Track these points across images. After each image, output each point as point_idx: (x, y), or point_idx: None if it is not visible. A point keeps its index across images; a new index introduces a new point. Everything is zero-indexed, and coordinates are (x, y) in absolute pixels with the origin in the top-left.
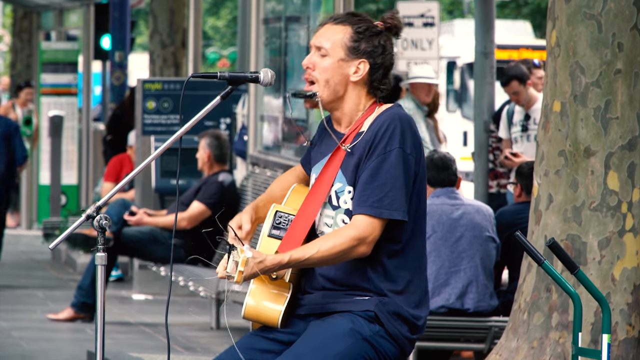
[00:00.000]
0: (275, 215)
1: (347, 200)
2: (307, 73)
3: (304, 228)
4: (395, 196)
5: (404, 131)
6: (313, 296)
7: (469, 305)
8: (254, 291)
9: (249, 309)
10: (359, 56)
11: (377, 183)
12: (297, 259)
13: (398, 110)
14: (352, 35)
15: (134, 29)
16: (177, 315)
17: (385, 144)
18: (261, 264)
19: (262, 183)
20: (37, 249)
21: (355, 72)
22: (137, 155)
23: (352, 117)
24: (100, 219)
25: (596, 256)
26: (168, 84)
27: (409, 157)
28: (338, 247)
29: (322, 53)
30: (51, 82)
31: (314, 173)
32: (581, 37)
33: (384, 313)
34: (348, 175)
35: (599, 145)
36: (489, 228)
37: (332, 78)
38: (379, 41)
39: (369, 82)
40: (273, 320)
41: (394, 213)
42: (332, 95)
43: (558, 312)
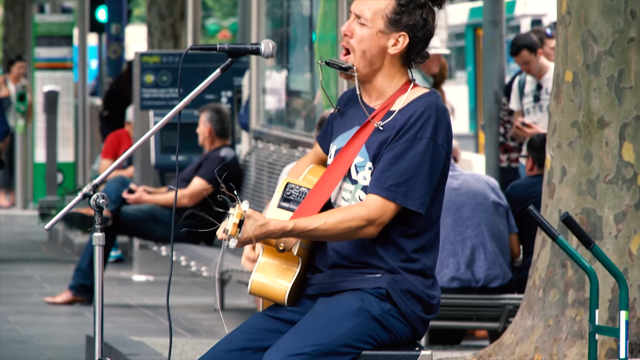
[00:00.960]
0: (286, 187)
1: (367, 177)
2: (345, 40)
3: (319, 201)
4: (414, 185)
5: (438, 122)
6: (323, 275)
7: (479, 275)
8: (262, 266)
9: (255, 284)
10: (400, 29)
11: (398, 167)
12: (302, 227)
13: (436, 99)
14: (394, 7)
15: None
16: (179, 297)
17: (416, 130)
18: (263, 227)
19: (265, 158)
20: (33, 230)
21: (394, 45)
22: (136, 131)
23: (382, 91)
24: (98, 197)
25: (612, 230)
26: (167, 57)
27: (440, 149)
28: (345, 224)
29: (361, 22)
30: (45, 57)
31: (335, 145)
32: (593, 4)
33: (396, 291)
34: (372, 151)
35: (613, 115)
36: (491, 194)
37: (370, 49)
38: (421, 14)
39: (406, 55)
40: (279, 296)
41: (408, 202)
42: (367, 67)
43: (574, 289)
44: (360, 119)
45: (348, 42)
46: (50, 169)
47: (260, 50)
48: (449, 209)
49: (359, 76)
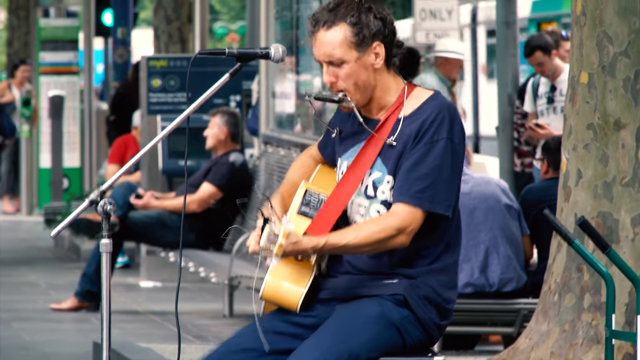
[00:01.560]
0: (305, 193)
1: (386, 191)
2: (334, 88)
3: (335, 211)
4: (438, 188)
5: (452, 121)
6: (337, 280)
7: (493, 279)
8: (275, 270)
9: (268, 288)
10: (370, 42)
11: (420, 173)
12: (333, 243)
13: (444, 99)
14: (352, 30)
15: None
16: (188, 303)
17: (432, 133)
18: (297, 244)
19: (275, 162)
20: (39, 236)
21: (376, 58)
22: (143, 136)
23: (381, 101)
24: (105, 203)
25: (629, 234)
26: (174, 61)
27: (457, 148)
28: (376, 235)
29: (336, 63)
30: (50, 61)
31: (345, 161)
32: (608, 4)
33: (414, 297)
34: (389, 165)
35: (629, 117)
36: (502, 196)
37: (359, 79)
38: (374, 17)
39: (387, 59)
40: (293, 302)
41: (435, 206)
42: (366, 95)
43: (590, 293)
44: (365, 133)
45: (337, 87)
46: (56, 174)
47: (270, 55)
48: (461, 214)
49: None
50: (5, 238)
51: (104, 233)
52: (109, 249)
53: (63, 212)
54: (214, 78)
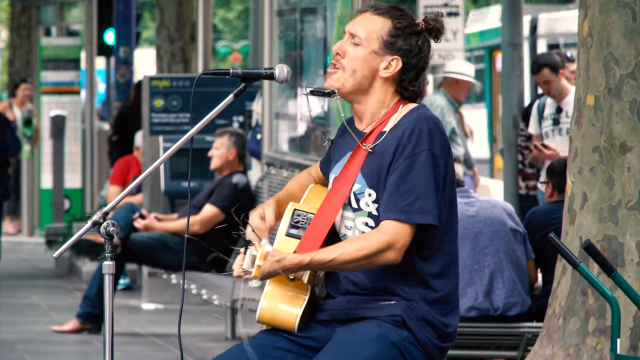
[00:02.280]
0: (293, 213)
1: (369, 203)
2: (335, 59)
3: (324, 227)
4: (425, 199)
5: (431, 133)
6: (336, 301)
7: (498, 304)
8: (270, 293)
9: (264, 312)
10: (394, 52)
11: (406, 187)
12: (319, 260)
13: (424, 111)
14: (390, 29)
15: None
16: (190, 325)
17: (413, 146)
18: (280, 262)
19: (278, 184)
20: (40, 257)
21: (386, 68)
22: (145, 157)
23: (374, 114)
24: (108, 225)
25: (634, 257)
26: (177, 81)
27: (439, 160)
28: (365, 251)
29: (355, 41)
30: (52, 80)
31: (333, 174)
32: (615, 26)
33: (412, 318)
34: (368, 177)
35: (636, 140)
36: (508, 220)
37: (361, 69)
38: (417, 41)
39: (398, 81)
40: (289, 324)
41: (425, 217)
42: (355, 87)
43: (595, 317)
44: (352, 145)
45: (338, 60)
46: (57, 195)
47: (274, 75)
48: (466, 237)
49: (345, 94)
50: (7, 259)
51: (106, 255)
52: (112, 270)
53: (64, 234)
54: (216, 98)
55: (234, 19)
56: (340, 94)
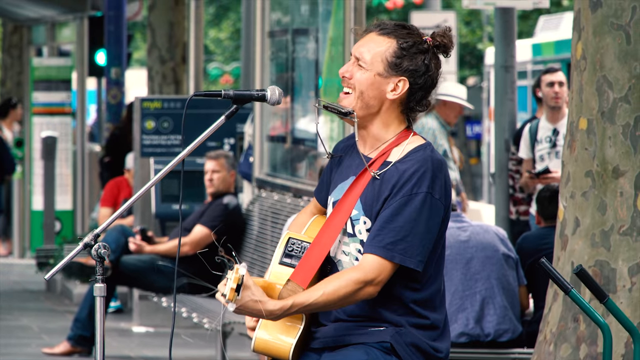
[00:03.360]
0: (287, 242)
1: (362, 231)
2: (345, 81)
3: (319, 256)
4: (412, 242)
5: (435, 176)
6: (326, 329)
7: (489, 330)
8: (265, 323)
9: (258, 341)
10: (400, 73)
11: (395, 224)
12: (300, 303)
13: (431, 152)
14: (395, 50)
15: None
16: (181, 349)
17: (412, 185)
18: (256, 303)
19: (269, 207)
20: (31, 279)
21: (393, 90)
22: (136, 179)
23: (377, 138)
24: (99, 247)
25: (626, 283)
26: (168, 102)
27: (437, 203)
28: (342, 290)
29: (360, 64)
30: (43, 101)
31: (332, 197)
32: (609, 49)
33: (401, 344)
34: (366, 204)
35: (629, 164)
36: (500, 246)
37: (367, 91)
38: (423, 60)
39: (405, 102)
40: (284, 353)
41: (406, 260)
42: (364, 110)
43: (586, 344)
44: (355, 169)
45: (348, 82)
46: (48, 217)
47: (266, 97)
48: (457, 262)
49: (359, 119)
50: None
51: (97, 277)
52: (103, 293)
53: (55, 256)
54: (208, 120)
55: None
56: None
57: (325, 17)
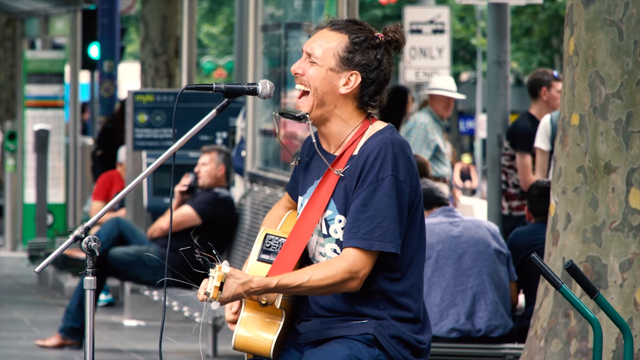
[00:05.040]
0: (265, 238)
1: (338, 230)
2: (298, 79)
3: (295, 252)
4: (387, 227)
5: (396, 157)
6: (308, 324)
7: (480, 326)
8: (245, 320)
9: (239, 339)
10: (351, 68)
11: (368, 214)
12: (285, 284)
13: (391, 134)
14: (347, 45)
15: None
16: (172, 342)
17: (376, 171)
18: (245, 285)
19: (261, 201)
20: (22, 272)
21: (345, 85)
22: (128, 172)
23: (339, 136)
24: (89, 240)
25: (617, 279)
26: (160, 96)
27: (403, 185)
28: (329, 279)
29: (311, 60)
30: (36, 94)
31: (304, 197)
32: (601, 44)
33: (384, 336)
34: (339, 203)
35: (620, 160)
36: (492, 241)
37: (320, 87)
38: (375, 54)
39: (359, 97)
40: (265, 350)
41: (386, 245)
42: (320, 107)
43: (577, 339)
44: (322, 169)
45: (301, 80)
46: (40, 210)
47: (257, 91)
48: (449, 258)
49: (312, 118)
50: None
51: (88, 270)
52: (93, 286)
53: (47, 248)
54: (200, 114)
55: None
56: (311, 118)
57: (318, 11)
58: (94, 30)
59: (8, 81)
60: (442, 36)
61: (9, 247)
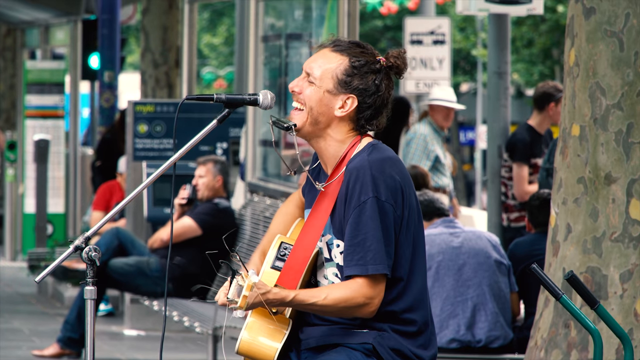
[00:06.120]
0: (280, 246)
1: (337, 255)
2: (295, 96)
3: (302, 260)
4: (376, 249)
5: (374, 178)
6: (308, 330)
7: (480, 336)
8: (251, 325)
9: (243, 343)
10: (348, 91)
11: (357, 239)
12: (301, 300)
13: (368, 154)
14: (346, 68)
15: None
16: (171, 352)
17: (357, 194)
18: (264, 295)
19: (261, 211)
20: (22, 282)
21: (340, 107)
22: (128, 183)
23: (335, 156)
24: (90, 250)
25: (617, 290)
26: (161, 106)
27: (385, 205)
28: (345, 302)
29: (310, 79)
30: (36, 104)
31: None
32: (602, 55)
33: (384, 347)
34: (335, 226)
35: (621, 171)
36: (493, 252)
37: (316, 107)
38: (374, 79)
39: (355, 120)
40: (268, 358)
41: (378, 267)
42: (312, 125)
43: (577, 350)
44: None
45: (297, 98)
46: (40, 220)
47: (258, 101)
48: (450, 269)
49: (304, 133)
50: None
51: (88, 280)
52: (93, 295)
53: (47, 258)
54: (200, 124)
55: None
56: (301, 133)
57: (318, 22)
58: (94, 41)
59: (8, 91)
60: (442, 47)
61: (8, 257)
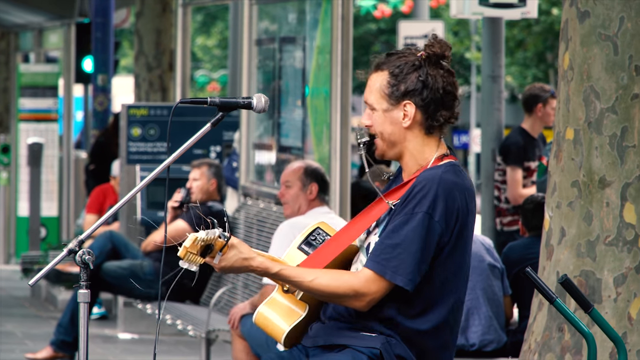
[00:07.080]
0: (313, 231)
1: None
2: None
3: (332, 252)
4: (404, 260)
5: (437, 197)
6: (320, 326)
7: (473, 340)
8: (271, 300)
9: (259, 315)
10: (400, 99)
11: (392, 241)
12: (286, 275)
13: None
14: (388, 80)
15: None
16: (165, 356)
17: (414, 204)
18: (246, 260)
19: (254, 215)
20: (16, 285)
21: (404, 117)
22: (122, 186)
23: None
24: (83, 253)
25: (611, 294)
26: (154, 110)
27: (436, 225)
28: (333, 289)
29: (370, 107)
30: (30, 107)
31: None
32: (596, 59)
33: (390, 354)
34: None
35: (615, 175)
36: (486, 256)
37: (385, 130)
38: (418, 77)
39: (423, 122)
40: (277, 335)
41: (396, 277)
42: (391, 148)
43: (571, 353)
44: None
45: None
46: (34, 223)
47: (252, 105)
48: None
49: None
50: None
51: (82, 283)
52: (87, 299)
53: (40, 262)
54: (194, 128)
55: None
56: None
57: (312, 25)
58: (88, 44)
59: (2, 94)
60: None
61: (2, 260)
